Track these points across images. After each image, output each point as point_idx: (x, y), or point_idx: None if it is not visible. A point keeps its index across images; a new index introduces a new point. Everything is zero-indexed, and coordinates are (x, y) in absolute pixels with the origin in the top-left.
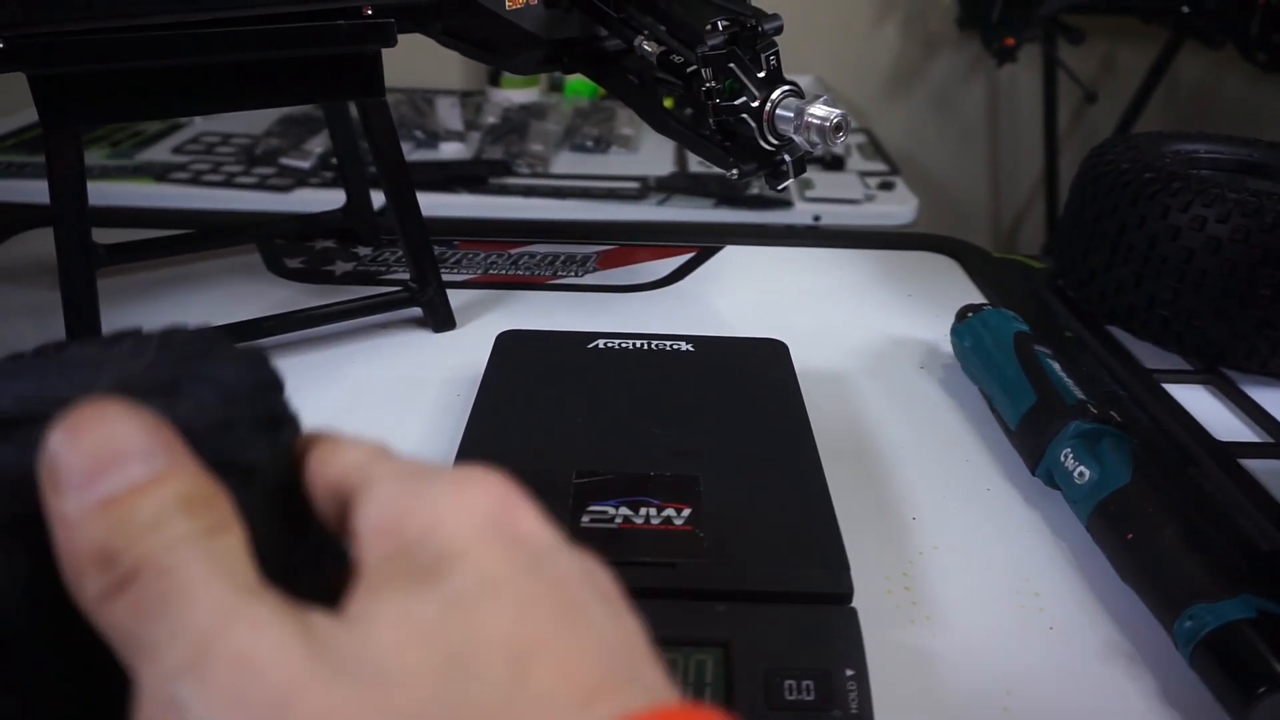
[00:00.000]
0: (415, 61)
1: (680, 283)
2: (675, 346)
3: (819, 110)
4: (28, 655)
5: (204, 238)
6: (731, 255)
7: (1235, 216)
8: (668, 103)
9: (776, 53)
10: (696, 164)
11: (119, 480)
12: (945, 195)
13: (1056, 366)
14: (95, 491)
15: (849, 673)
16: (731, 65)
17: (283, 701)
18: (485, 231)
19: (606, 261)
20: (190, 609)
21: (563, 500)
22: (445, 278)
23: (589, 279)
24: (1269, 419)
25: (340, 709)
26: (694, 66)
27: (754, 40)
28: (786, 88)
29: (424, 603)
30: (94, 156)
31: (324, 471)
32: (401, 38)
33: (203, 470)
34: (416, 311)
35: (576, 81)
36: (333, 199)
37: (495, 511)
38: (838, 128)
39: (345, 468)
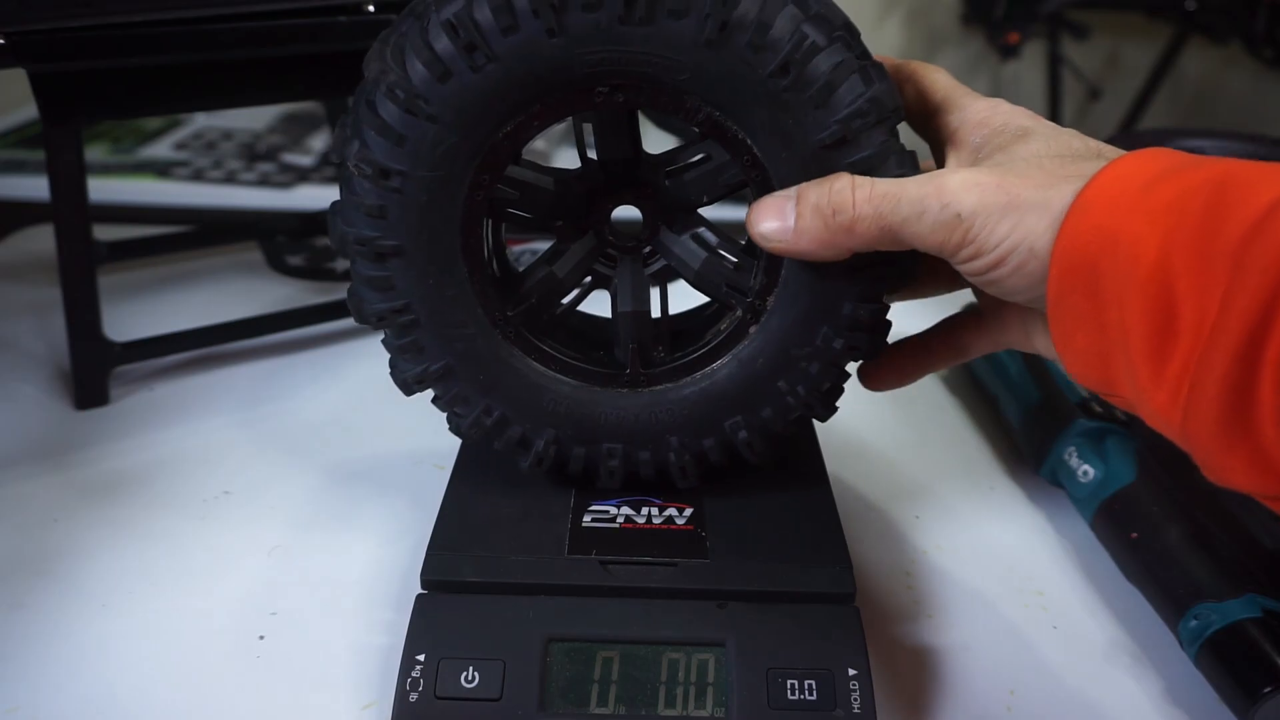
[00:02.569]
0: None
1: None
2: None
3: None
4: None
5: (205, 235)
6: None
7: None
8: None
9: None
10: None
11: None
12: None
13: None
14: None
15: (851, 672)
16: None
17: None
18: None
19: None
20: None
21: (564, 499)
22: None
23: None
24: None
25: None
26: None
27: None
28: None
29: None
30: (95, 153)
31: (928, 87)
32: None
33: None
34: None
35: None
36: (334, 196)
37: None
38: None
39: (946, 87)
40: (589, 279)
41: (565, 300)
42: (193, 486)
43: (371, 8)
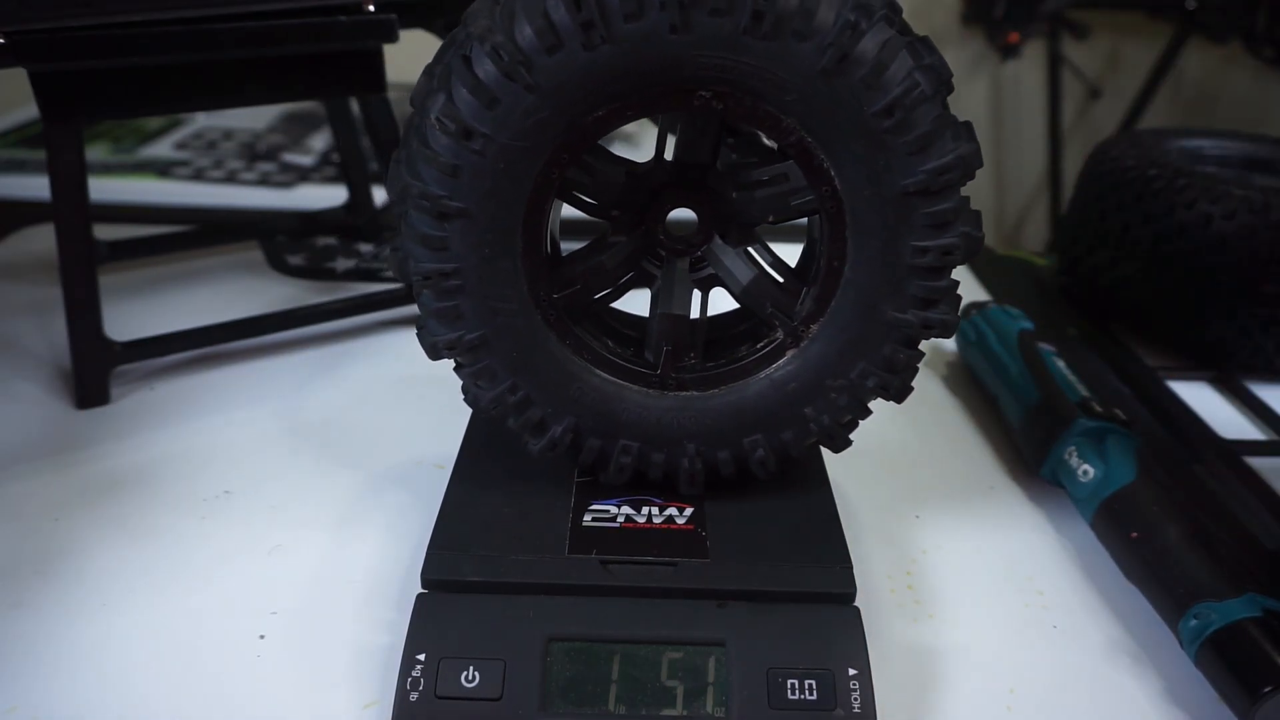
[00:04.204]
0: (418, 58)
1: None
2: None
3: None
4: None
5: (206, 235)
6: None
7: (1241, 213)
8: None
9: None
10: None
11: None
12: None
13: (1061, 364)
14: None
15: (852, 672)
16: None
17: None
18: None
19: None
20: None
21: (564, 499)
22: None
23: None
24: (1274, 416)
25: None
26: None
27: None
28: None
29: None
30: (95, 152)
31: None
32: (404, 34)
33: None
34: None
35: None
36: (335, 195)
37: None
38: None
39: None
40: (632, 274)
41: (605, 292)
42: (193, 486)
43: (371, 8)
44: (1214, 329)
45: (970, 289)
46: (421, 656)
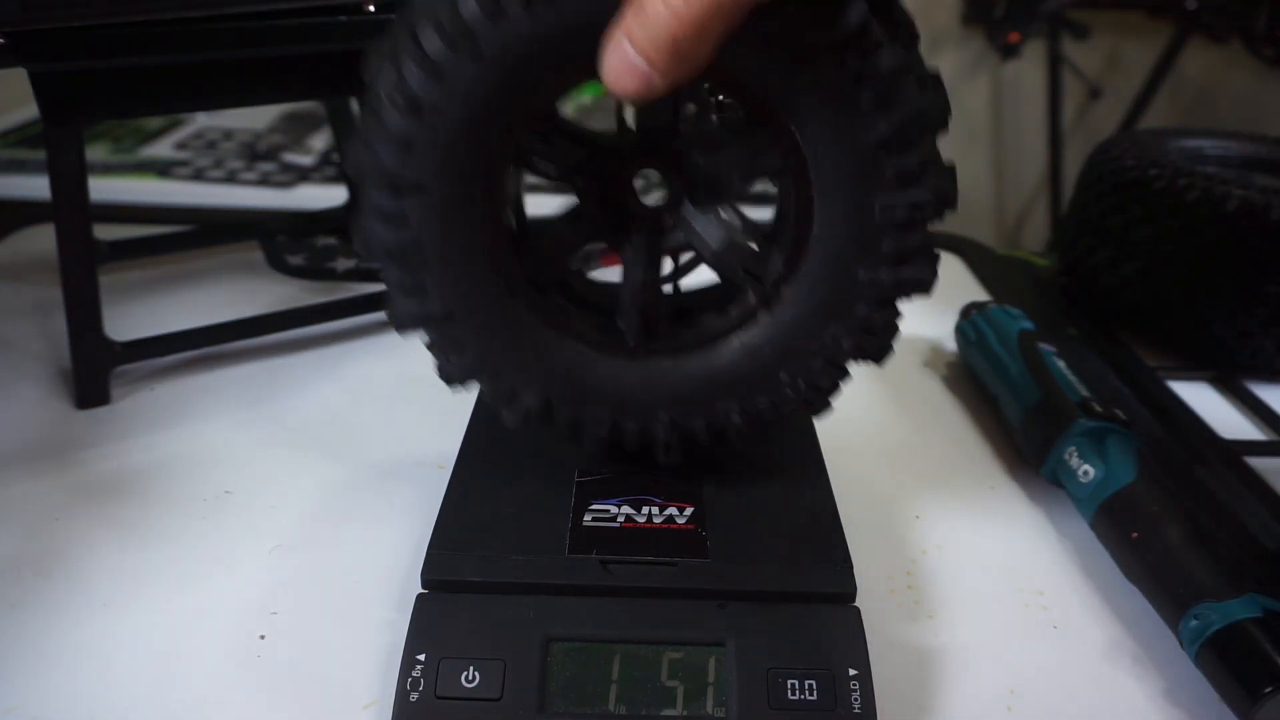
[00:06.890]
0: None
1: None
2: None
3: None
4: None
5: (206, 234)
6: None
7: (1242, 213)
8: None
9: None
10: None
11: None
12: None
13: (1061, 364)
14: None
15: (852, 672)
16: None
17: None
18: None
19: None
20: None
21: (564, 499)
22: None
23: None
24: (1275, 417)
25: None
26: None
27: None
28: None
29: None
30: (95, 152)
31: None
32: None
33: None
34: None
35: None
36: (335, 196)
37: None
38: None
39: None
40: (603, 243)
41: (575, 260)
42: (193, 486)
43: (372, 8)
44: (1214, 329)
45: (970, 289)
46: (421, 656)
